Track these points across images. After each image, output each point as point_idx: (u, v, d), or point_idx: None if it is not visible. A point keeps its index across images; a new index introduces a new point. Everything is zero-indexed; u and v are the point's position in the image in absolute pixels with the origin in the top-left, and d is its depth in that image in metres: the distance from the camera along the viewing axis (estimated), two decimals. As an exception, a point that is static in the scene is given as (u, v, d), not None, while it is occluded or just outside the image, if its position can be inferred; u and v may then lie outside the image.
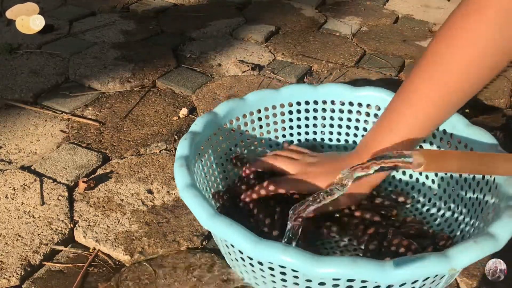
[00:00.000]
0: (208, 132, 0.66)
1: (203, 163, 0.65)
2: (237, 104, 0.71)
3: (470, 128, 0.62)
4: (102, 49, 1.21)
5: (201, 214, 0.49)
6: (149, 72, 1.10)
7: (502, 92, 1.07)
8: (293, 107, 0.75)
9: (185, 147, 0.60)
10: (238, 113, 0.71)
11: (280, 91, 0.74)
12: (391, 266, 0.42)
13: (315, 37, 1.34)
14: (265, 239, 0.46)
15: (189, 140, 0.61)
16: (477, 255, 0.44)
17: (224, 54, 1.21)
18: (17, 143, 0.86)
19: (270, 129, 0.76)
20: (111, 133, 0.89)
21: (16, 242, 0.65)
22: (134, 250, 0.64)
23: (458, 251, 0.43)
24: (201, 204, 0.50)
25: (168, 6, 1.52)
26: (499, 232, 0.45)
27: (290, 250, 0.44)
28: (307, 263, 0.43)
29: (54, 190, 0.74)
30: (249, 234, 0.46)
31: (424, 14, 1.55)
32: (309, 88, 0.74)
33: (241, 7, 1.55)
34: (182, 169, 0.55)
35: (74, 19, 1.39)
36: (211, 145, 0.68)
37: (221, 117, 0.69)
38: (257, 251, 0.45)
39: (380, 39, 1.34)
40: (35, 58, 1.14)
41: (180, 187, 0.53)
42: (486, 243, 0.44)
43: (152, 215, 0.70)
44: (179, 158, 0.57)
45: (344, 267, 0.42)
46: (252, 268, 0.52)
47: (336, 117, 0.76)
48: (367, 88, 0.73)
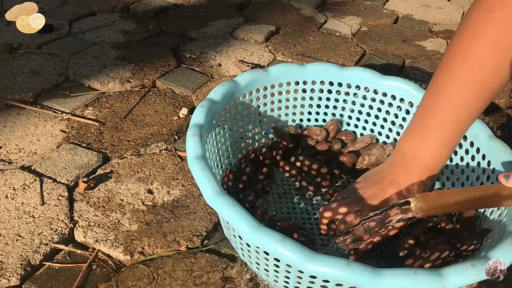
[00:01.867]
0: (226, 102, 0.64)
1: (216, 132, 0.63)
2: (260, 75, 0.69)
3: (491, 141, 0.60)
4: (102, 49, 1.21)
5: (206, 190, 0.48)
6: (149, 72, 1.10)
7: (502, 92, 1.07)
8: (316, 86, 0.73)
9: (201, 115, 0.57)
10: (259, 85, 0.69)
11: (306, 67, 0.72)
12: (383, 275, 0.42)
13: (315, 37, 1.34)
14: (265, 227, 0.45)
15: (206, 108, 0.59)
16: (472, 279, 0.43)
17: (224, 54, 1.21)
18: (17, 143, 0.86)
19: (289, 105, 0.74)
20: (111, 133, 0.89)
21: (16, 242, 0.65)
22: (134, 250, 0.64)
23: (453, 272, 0.43)
24: (208, 179, 0.49)
25: (168, 6, 1.52)
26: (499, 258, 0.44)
27: (287, 242, 0.43)
28: (301, 258, 0.42)
29: (54, 190, 0.74)
30: (250, 218, 0.45)
31: (424, 14, 1.55)
32: (336, 68, 0.73)
33: (241, 7, 1.55)
34: (195, 138, 0.53)
35: (74, 19, 1.39)
36: (228, 115, 0.66)
37: (241, 87, 0.66)
38: (255, 237, 0.44)
39: (380, 39, 1.34)
40: (35, 58, 1.14)
41: (189, 157, 0.51)
42: (483, 268, 0.43)
43: (152, 215, 0.70)
44: (193, 126, 0.55)
45: (337, 269, 0.42)
46: (248, 248, 0.52)
47: (358, 102, 0.75)
48: (395, 78, 0.72)
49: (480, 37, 0.51)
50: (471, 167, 0.63)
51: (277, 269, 0.50)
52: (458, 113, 0.55)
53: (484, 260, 0.44)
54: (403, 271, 0.42)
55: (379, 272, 0.42)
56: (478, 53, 0.52)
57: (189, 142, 0.53)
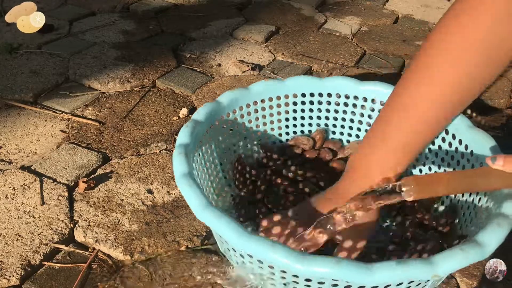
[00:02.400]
0: (210, 121, 0.66)
1: (203, 151, 0.65)
2: (241, 93, 0.70)
3: (472, 130, 0.61)
4: (102, 49, 1.21)
5: (194, 203, 0.50)
6: (149, 72, 1.10)
7: (502, 92, 1.07)
8: (298, 99, 0.75)
9: (185, 135, 0.59)
10: (242, 103, 0.71)
11: (286, 82, 0.73)
12: (374, 269, 0.42)
13: (315, 37, 1.34)
14: (253, 234, 0.46)
15: (190, 128, 0.61)
16: (462, 263, 0.43)
17: (224, 54, 1.21)
18: (17, 143, 0.86)
19: (274, 119, 0.76)
20: (111, 133, 0.89)
21: (16, 242, 0.65)
22: (134, 250, 0.64)
23: (443, 258, 0.43)
24: (195, 193, 0.50)
25: (168, 6, 1.52)
26: (486, 240, 0.45)
27: (276, 247, 0.44)
28: (291, 260, 0.43)
29: (54, 190, 0.74)
30: (237, 227, 0.46)
31: (424, 14, 1.55)
32: (315, 80, 0.74)
33: (241, 7, 1.55)
34: (181, 157, 0.55)
35: (74, 19, 1.39)
36: (213, 135, 0.67)
37: (224, 106, 0.68)
38: (243, 244, 0.45)
39: (380, 39, 1.34)
40: (35, 58, 1.14)
41: (176, 175, 0.53)
42: (472, 251, 0.44)
43: (152, 215, 0.70)
44: (178, 146, 0.57)
45: (327, 267, 0.43)
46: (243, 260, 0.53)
47: (340, 110, 0.76)
48: (373, 83, 0.73)
49: (441, 50, 0.50)
50: (456, 159, 0.64)
51: (273, 277, 0.51)
52: (415, 129, 0.54)
53: (473, 244, 0.44)
54: (393, 263, 0.43)
55: (369, 266, 0.42)
56: (438, 68, 0.50)
57: (175, 161, 0.55)
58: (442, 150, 0.67)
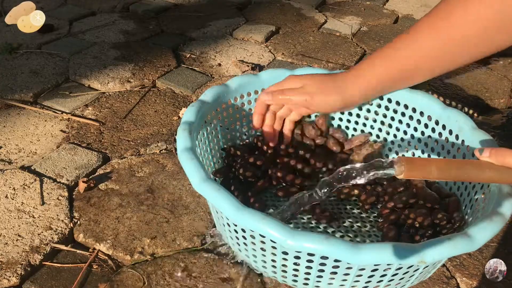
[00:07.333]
0: (216, 103, 0.67)
1: (208, 131, 0.66)
2: (250, 79, 0.71)
3: (475, 132, 0.62)
4: (102, 49, 1.21)
5: (194, 176, 0.51)
6: (149, 72, 1.10)
7: (502, 92, 1.07)
8: None
9: (191, 114, 0.61)
10: (250, 89, 0.72)
11: (295, 72, 0.73)
12: (361, 248, 0.43)
13: (315, 37, 1.34)
14: (248, 207, 0.47)
15: (196, 108, 0.63)
16: (449, 253, 0.44)
17: (224, 54, 1.21)
18: (17, 143, 0.86)
19: None
20: (111, 133, 0.89)
21: (16, 242, 0.65)
22: (134, 250, 0.64)
23: (430, 245, 0.44)
24: (195, 167, 0.52)
25: (168, 6, 1.52)
26: (476, 234, 0.45)
27: (268, 220, 0.45)
28: (281, 234, 0.44)
29: (54, 190, 0.74)
30: (234, 200, 0.48)
31: (424, 14, 1.55)
32: (323, 71, 0.74)
33: (241, 7, 1.55)
34: (185, 132, 0.57)
35: (74, 19, 1.39)
36: (219, 117, 0.69)
37: (232, 90, 0.69)
38: (238, 216, 0.47)
39: (380, 39, 1.34)
40: (35, 58, 1.14)
41: (179, 149, 0.55)
42: (460, 242, 0.44)
43: (152, 215, 0.70)
44: (183, 123, 0.59)
45: (316, 243, 0.44)
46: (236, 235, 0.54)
47: None
48: None
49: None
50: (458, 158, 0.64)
51: (264, 253, 0.52)
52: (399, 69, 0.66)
53: (463, 235, 0.45)
54: (380, 245, 0.43)
55: (357, 245, 0.43)
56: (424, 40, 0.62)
57: (179, 136, 0.57)
58: (444, 150, 0.67)
